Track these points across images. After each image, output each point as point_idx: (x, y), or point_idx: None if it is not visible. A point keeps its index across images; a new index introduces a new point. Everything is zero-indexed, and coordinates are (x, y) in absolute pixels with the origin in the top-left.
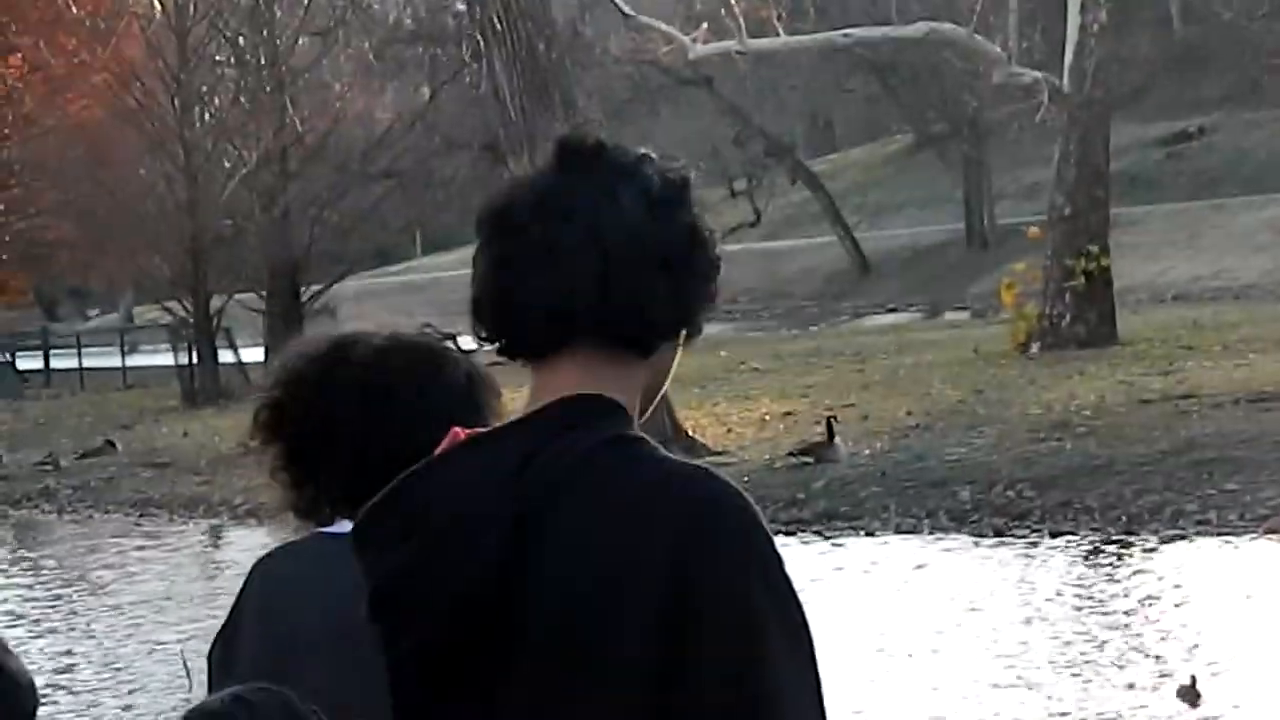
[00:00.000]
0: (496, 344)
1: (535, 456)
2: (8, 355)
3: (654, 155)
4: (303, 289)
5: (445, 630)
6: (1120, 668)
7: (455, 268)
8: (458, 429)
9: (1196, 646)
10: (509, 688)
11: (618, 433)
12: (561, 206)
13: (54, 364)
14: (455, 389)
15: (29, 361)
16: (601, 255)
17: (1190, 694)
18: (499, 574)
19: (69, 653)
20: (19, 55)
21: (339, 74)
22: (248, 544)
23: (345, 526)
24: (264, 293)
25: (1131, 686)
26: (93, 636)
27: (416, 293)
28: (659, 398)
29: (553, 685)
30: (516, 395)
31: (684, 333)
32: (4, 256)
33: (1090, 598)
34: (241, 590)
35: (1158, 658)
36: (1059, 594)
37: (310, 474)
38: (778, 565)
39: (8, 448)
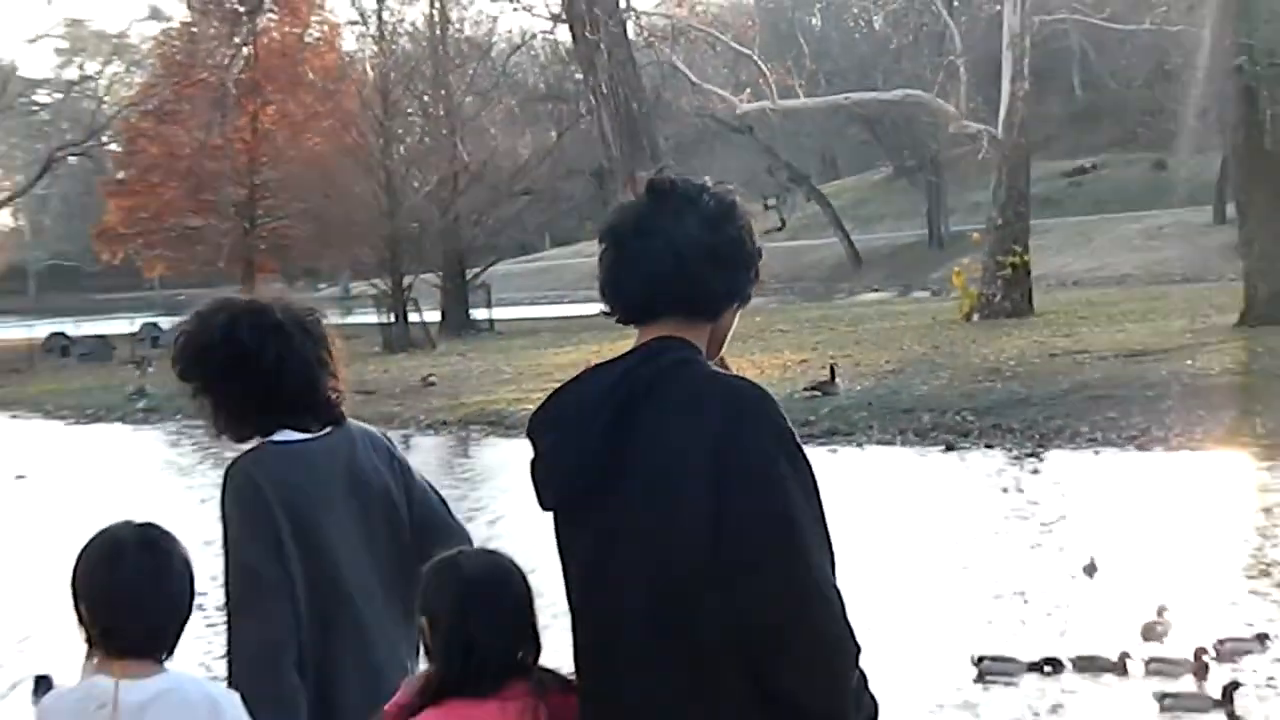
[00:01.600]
0: (613, 314)
1: (633, 370)
2: None
3: (711, 184)
4: (466, 271)
5: (575, 478)
6: (1035, 547)
7: (572, 258)
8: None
9: (1088, 529)
10: (607, 514)
11: (686, 355)
12: (649, 226)
13: None
14: (319, 338)
15: None
16: (676, 257)
17: (1090, 568)
18: (605, 444)
19: None
20: (272, 107)
21: (493, 122)
22: (428, 446)
23: (287, 434)
24: (439, 273)
25: (1044, 560)
26: None
27: (544, 275)
28: (723, 347)
29: (637, 517)
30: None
31: (736, 304)
32: (262, 246)
33: (1013, 492)
34: (233, 488)
35: (1062, 540)
36: (990, 489)
37: (229, 402)
38: (792, 438)
39: None
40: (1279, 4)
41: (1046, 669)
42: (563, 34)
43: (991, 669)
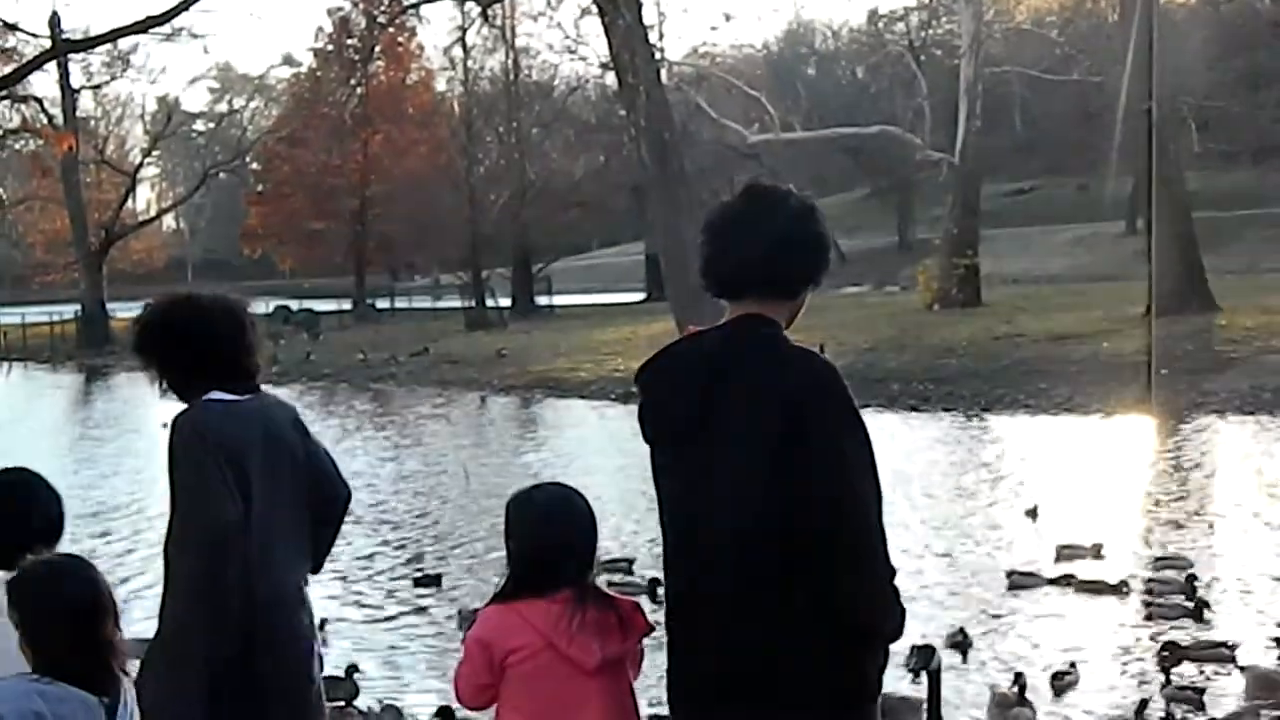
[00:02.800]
0: (712, 291)
1: (727, 339)
2: (368, 300)
3: (795, 190)
4: (532, 266)
5: (676, 420)
6: (978, 495)
7: (616, 256)
8: (691, 326)
9: (1023, 482)
10: (699, 450)
11: (771, 329)
12: (746, 220)
13: (398, 304)
14: (244, 321)
15: (382, 302)
16: (766, 246)
17: (1032, 513)
18: (704, 396)
19: (403, 461)
20: (380, 135)
21: (554, 148)
22: (500, 405)
23: (218, 395)
24: (510, 267)
25: (991, 504)
26: (421, 452)
27: (593, 270)
28: (795, 322)
29: (725, 455)
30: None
31: (811, 286)
32: (371, 245)
33: (963, 447)
34: (180, 437)
35: (1009, 488)
36: (943, 445)
37: (170, 371)
38: (852, 401)
39: (370, 349)
40: (1178, 61)
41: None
42: (610, 79)
43: (1021, 582)
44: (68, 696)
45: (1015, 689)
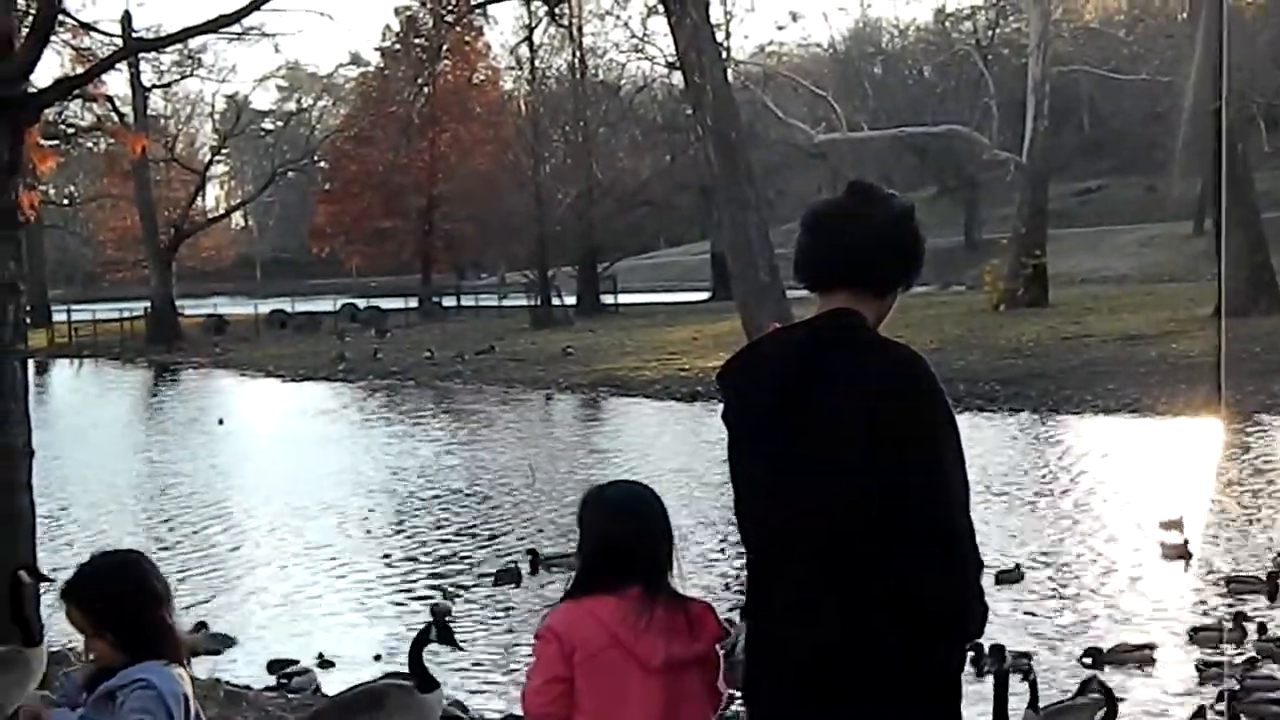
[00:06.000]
0: (804, 284)
1: (816, 332)
2: (434, 298)
3: (896, 193)
4: (598, 264)
5: (764, 414)
6: (1049, 486)
7: (681, 255)
8: (774, 324)
9: (1084, 472)
10: (786, 444)
11: (860, 323)
12: (846, 216)
13: (464, 303)
14: None
15: (449, 301)
16: (863, 242)
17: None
18: (798, 385)
19: (470, 459)
20: (447, 134)
21: (621, 147)
22: (566, 403)
23: None
24: (576, 266)
25: (1053, 493)
26: (475, 450)
27: (659, 269)
28: (882, 323)
29: (811, 449)
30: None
31: (901, 287)
32: (438, 243)
33: (1032, 446)
34: None
35: (1071, 478)
36: (1014, 445)
37: None
38: (943, 396)
39: (437, 347)
40: (1247, 60)
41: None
42: (676, 78)
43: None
44: (183, 678)
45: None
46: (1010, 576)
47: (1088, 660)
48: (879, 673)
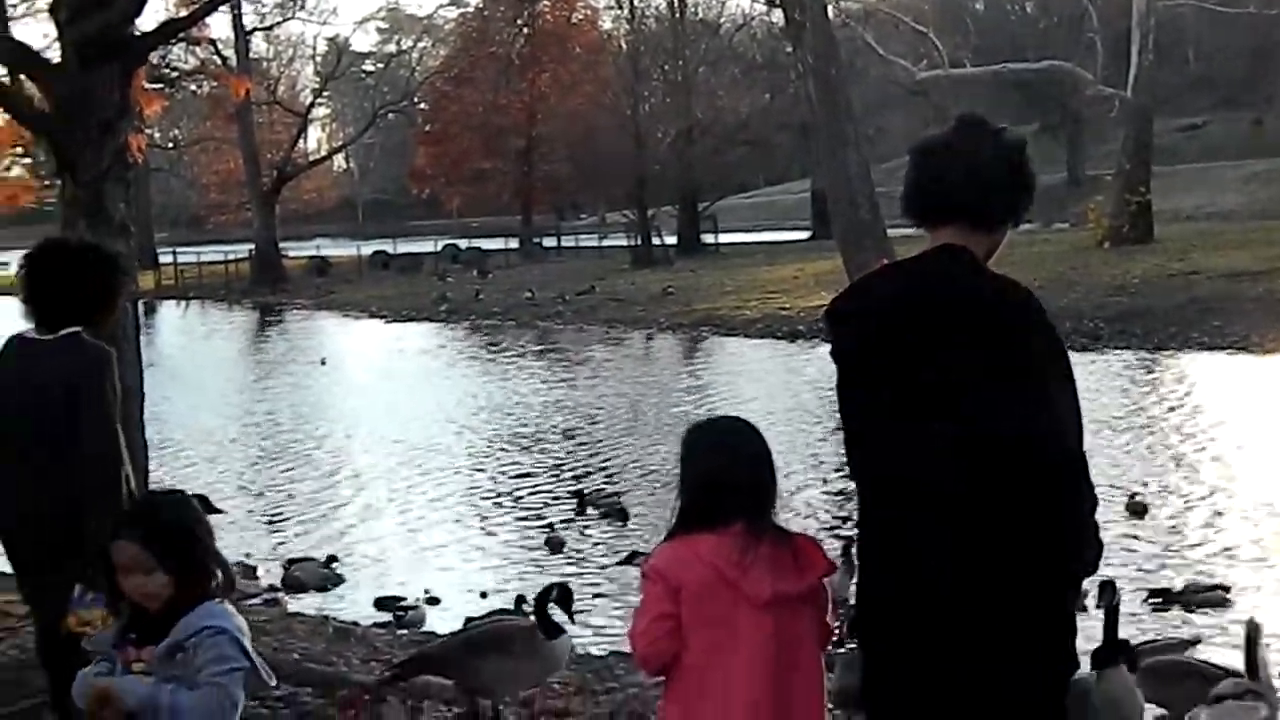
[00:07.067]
0: (913, 220)
1: (927, 268)
2: (534, 239)
3: (1007, 127)
4: (698, 204)
5: (875, 350)
6: (1157, 424)
7: (781, 194)
8: (883, 259)
9: (1198, 408)
10: (900, 377)
11: (971, 259)
12: (956, 149)
13: (564, 243)
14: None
15: (549, 241)
16: (973, 176)
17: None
18: (908, 322)
19: (571, 397)
20: (546, 74)
21: (720, 86)
22: (666, 343)
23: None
24: (676, 206)
25: (1160, 431)
26: (577, 389)
27: (759, 208)
28: (991, 259)
29: (926, 385)
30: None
31: (1011, 223)
32: (538, 185)
33: (1137, 385)
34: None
35: (1179, 420)
36: (1118, 383)
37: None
38: (1060, 340)
39: (538, 287)
40: None
41: None
42: (776, 16)
43: None
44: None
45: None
46: (1133, 507)
47: (1157, 599)
48: (994, 612)
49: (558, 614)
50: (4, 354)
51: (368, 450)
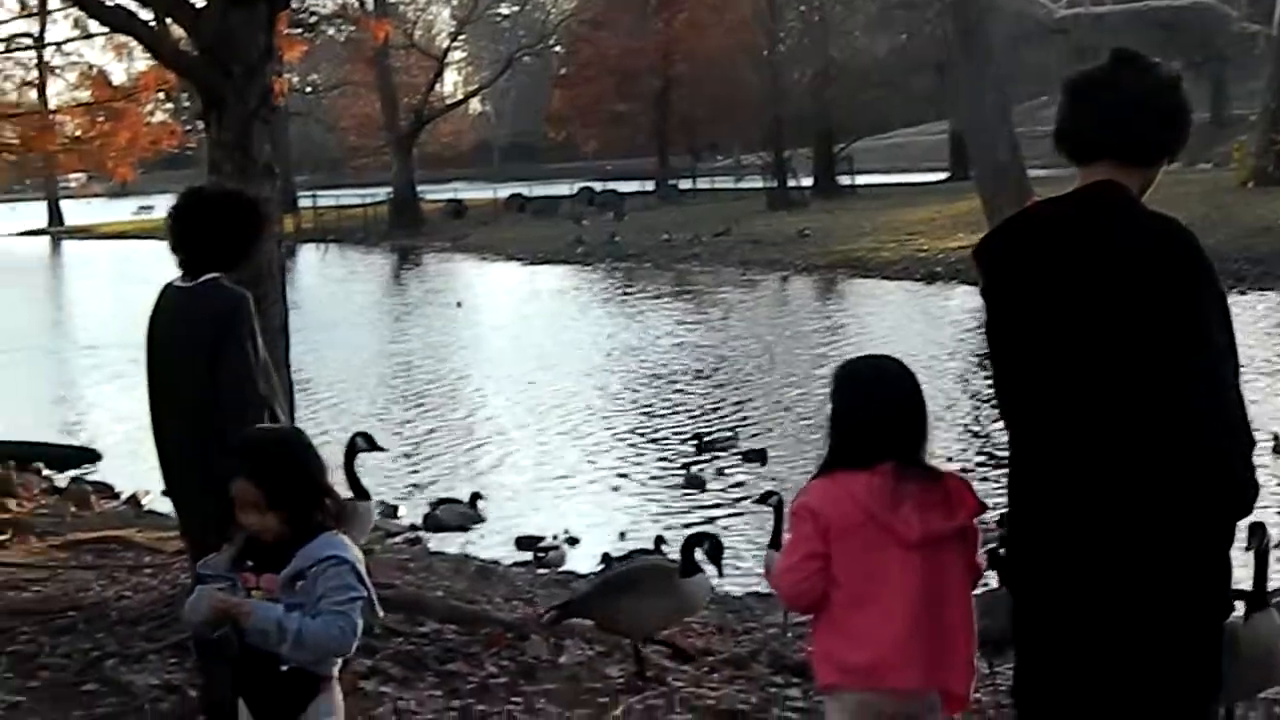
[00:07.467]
0: (1066, 155)
1: (1080, 205)
2: (670, 181)
3: (1163, 63)
4: (834, 145)
5: (1026, 293)
6: None
7: (918, 136)
8: (1034, 197)
9: None
10: (1052, 310)
11: (1127, 195)
12: (1111, 83)
13: (699, 185)
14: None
15: (684, 183)
16: (1128, 109)
17: None
18: (1062, 260)
19: (709, 339)
20: (683, 15)
21: (857, 26)
22: (802, 284)
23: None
24: (812, 148)
25: None
26: (717, 331)
27: (895, 149)
28: (1145, 195)
29: (1080, 316)
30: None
31: (1165, 158)
32: (674, 127)
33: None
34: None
35: None
36: (1262, 325)
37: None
38: (1216, 278)
39: (673, 229)
40: None
41: None
42: None
43: None
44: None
45: None
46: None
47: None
48: (1147, 555)
49: (707, 567)
50: (157, 304)
51: (504, 392)
